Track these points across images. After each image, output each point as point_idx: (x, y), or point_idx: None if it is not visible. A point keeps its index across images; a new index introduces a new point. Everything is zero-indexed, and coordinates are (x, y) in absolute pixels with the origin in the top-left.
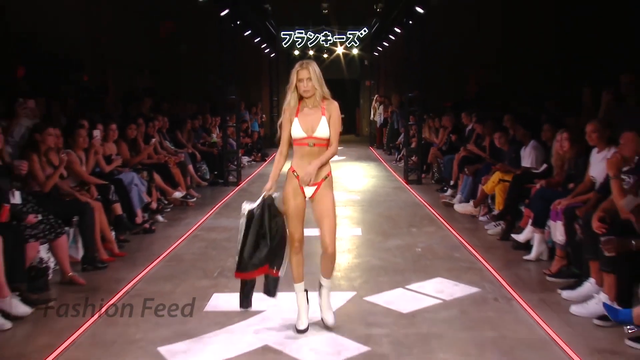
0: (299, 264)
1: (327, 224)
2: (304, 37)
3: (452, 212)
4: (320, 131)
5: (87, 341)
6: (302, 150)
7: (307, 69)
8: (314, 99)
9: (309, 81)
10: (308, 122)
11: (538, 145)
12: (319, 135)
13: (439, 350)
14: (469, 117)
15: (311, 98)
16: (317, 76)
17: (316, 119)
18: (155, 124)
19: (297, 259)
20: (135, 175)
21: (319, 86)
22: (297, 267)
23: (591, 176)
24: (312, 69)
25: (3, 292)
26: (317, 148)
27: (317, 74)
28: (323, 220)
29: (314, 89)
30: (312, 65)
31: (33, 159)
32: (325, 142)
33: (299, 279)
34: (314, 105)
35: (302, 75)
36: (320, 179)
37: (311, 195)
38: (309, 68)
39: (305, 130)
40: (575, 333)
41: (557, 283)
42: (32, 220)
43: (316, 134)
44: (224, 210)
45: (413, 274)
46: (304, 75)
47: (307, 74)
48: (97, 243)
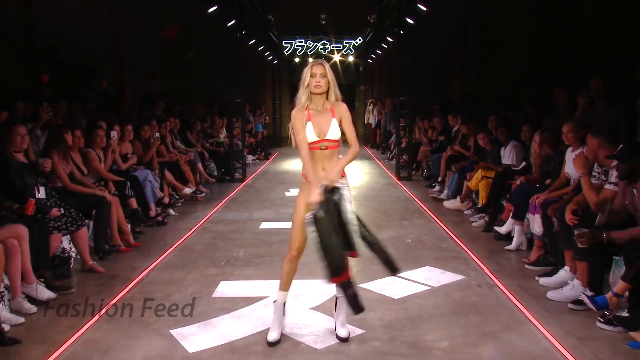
0: (290, 272)
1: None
2: (304, 46)
3: (440, 206)
4: (332, 133)
5: (105, 324)
6: (314, 155)
7: (322, 65)
8: (324, 98)
9: (322, 77)
10: (319, 125)
11: (518, 144)
12: (330, 137)
13: (428, 333)
14: (455, 119)
15: (321, 96)
16: (331, 75)
17: (326, 121)
18: (167, 125)
19: (291, 268)
20: (149, 172)
21: (332, 84)
22: (287, 275)
23: (566, 173)
24: (327, 67)
25: (29, 279)
26: (329, 151)
27: (331, 73)
28: None
29: (327, 85)
30: (326, 64)
31: (55, 157)
32: (335, 144)
33: (286, 287)
34: (323, 107)
35: (316, 70)
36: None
37: None
38: (324, 64)
39: (317, 134)
40: (551, 316)
41: (535, 271)
42: (56, 214)
43: (328, 136)
44: (230, 205)
45: (404, 262)
46: (318, 70)
47: (322, 70)
48: (114, 234)
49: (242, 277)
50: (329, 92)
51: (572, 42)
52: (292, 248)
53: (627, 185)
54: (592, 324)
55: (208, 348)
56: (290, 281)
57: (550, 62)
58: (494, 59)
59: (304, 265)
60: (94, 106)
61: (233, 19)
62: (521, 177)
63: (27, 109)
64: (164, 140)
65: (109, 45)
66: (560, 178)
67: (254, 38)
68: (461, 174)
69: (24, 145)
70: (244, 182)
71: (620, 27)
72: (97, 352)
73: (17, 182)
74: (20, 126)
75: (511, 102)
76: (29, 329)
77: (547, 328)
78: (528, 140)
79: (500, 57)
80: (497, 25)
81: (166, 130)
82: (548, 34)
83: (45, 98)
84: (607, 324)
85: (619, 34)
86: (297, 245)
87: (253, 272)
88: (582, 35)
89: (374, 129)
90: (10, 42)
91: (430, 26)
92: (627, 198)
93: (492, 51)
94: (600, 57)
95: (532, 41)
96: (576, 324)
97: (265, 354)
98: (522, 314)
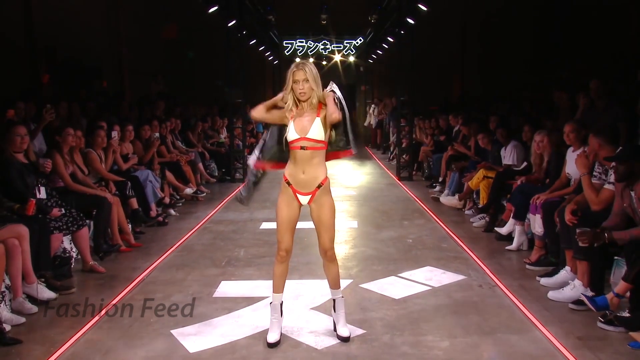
0: (282, 274)
1: (324, 236)
2: (304, 46)
3: (440, 206)
4: (314, 132)
5: (106, 325)
6: (294, 155)
7: (303, 69)
8: (311, 102)
9: (305, 82)
10: (301, 122)
11: (518, 144)
12: (312, 136)
13: (428, 333)
14: (456, 119)
15: (307, 101)
16: (314, 77)
17: (310, 120)
18: (168, 125)
19: (281, 269)
20: (150, 173)
21: (315, 87)
22: (279, 278)
23: (567, 173)
24: (309, 69)
25: (30, 279)
26: (309, 152)
27: (314, 75)
28: (320, 230)
29: (310, 91)
30: (308, 65)
31: (56, 157)
32: (318, 145)
33: (279, 289)
34: (310, 108)
35: (297, 76)
36: (313, 188)
37: (307, 202)
38: (305, 69)
39: (298, 132)
40: (552, 316)
41: (536, 271)
42: (56, 214)
43: (309, 135)
44: (231, 205)
45: (405, 263)
46: (300, 76)
47: (303, 75)
48: (115, 234)
49: (242, 277)
50: (313, 95)
51: (572, 42)
52: (281, 248)
53: (624, 188)
54: (592, 324)
55: (209, 348)
56: (283, 283)
57: (551, 63)
58: (494, 59)
59: (304, 265)
60: (94, 106)
61: (233, 19)
62: (522, 177)
63: (28, 109)
64: (164, 140)
65: (109, 45)
66: (560, 178)
67: (254, 38)
68: (461, 174)
69: (24, 146)
70: (244, 182)
71: (620, 27)
72: (97, 352)
73: (18, 183)
74: (20, 126)
75: (511, 103)
76: (29, 329)
77: (547, 328)
78: (529, 141)
79: (500, 57)
80: (497, 25)
81: (167, 130)
82: (548, 34)
83: (46, 98)
84: (608, 324)
85: (619, 34)
86: (286, 245)
87: (254, 272)
88: (582, 36)
89: (374, 129)
90: (11, 43)
91: (430, 26)
92: (626, 200)
93: (492, 51)
94: (600, 57)
95: (532, 41)
96: (577, 324)
97: (266, 353)
98: (523, 314)
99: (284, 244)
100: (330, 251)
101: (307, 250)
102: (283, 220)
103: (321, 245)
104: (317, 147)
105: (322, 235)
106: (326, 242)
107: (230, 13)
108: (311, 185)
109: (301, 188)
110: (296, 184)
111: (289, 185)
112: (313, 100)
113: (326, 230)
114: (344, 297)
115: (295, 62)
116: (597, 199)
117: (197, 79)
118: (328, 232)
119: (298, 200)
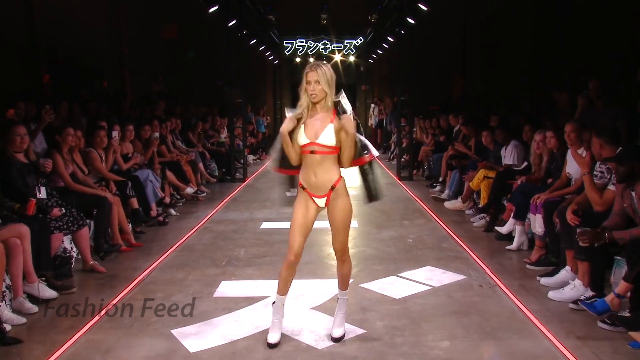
0: (288, 278)
1: (336, 237)
2: (304, 46)
3: (441, 206)
4: (324, 138)
5: (106, 324)
6: (305, 159)
7: (315, 70)
8: (324, 104)
9: (317, 84)
10: (313, 127)
11: (519, 144)
12: (322, 142)
13: (429, 332)
14: (456, 119)
15: (320, 103)
16: (327, 79)
17: (322, 125)
18: (168, 125)
19: (289, 273)
20: (150, 172)
21: (328, 90)
22: (285, 281)
23: (567, 173)
24: (322, 71)
25: (31, 278)
26: (319, 156)
27: (328, 77)
28: (332, 231)
29: (322, 93)
30: (322, 67)
31: (56, 157)
32: (330, 150)
33: (284, 291)
34: (324, 111)
35: (310, 77)
36: (327, 190)
37: (324, 205)
38: (317, 70)
39: (309, 137)
40: (552, 316)
41: (536, 271)
42: (57, 213)
43: (319, 140)
44: (231, 205)
45: (405, 262)
46: (312, 77)
47: (316, 77)
48: (115, 233)
49: (243, 277)
50: (327, 98)
51: (572, 43)
52: (291, 253)
53: (625, 188)
54: (593, 323)
55: (209, 348)
56: (288, 287)
57: (551, 63)
58: (494, 59)
59: (305, 265)
60: (94, 106)
61: (234, 19)
62: (522, 177)
63: (28, 109)
64: (165, 140)
65: (110, 45)
66: (561, 178)
67: (254, 38)
68: (462, 172)
69: (24, 146)
70: (245, 182)
71: (620, 27)
72: (98, 352)
73: (18, 182)
74: (20, 126)
75: (511, 102)
76: (30, 329)
77: (548, 328)
78: (529, 141)
79: (501, 57)
80: (497, 25)
81: (167, 130)
82: (548, 34)
83: (46, 98)
84: (608, 324)
85: (619, 34)
86: (296, 249)
87: (254, 272)
88: (582, 36)
89: (374, 129)
90: (12, 43)
91: (431, 26)
92: (626, 200)
93: (493, 51)
94: (600, 57)
95: (533, 41)
96: (577, 323)
97: (266, 353)
98: (523, 314)
99: (295, 247)
100: (340, 252)
101: (308, 250)
102: (296, 222)
103: (333, 245)
104: (327, 152)
105: (334, 235)
106: (336, 243)
107: (231, 13)
108: (324, 187)
109: (315, 191)
110: (310, 187)
111: (304, 189)
112: (328, 102)
113: (338, 232)
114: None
115: (309, 62)
116: (601, 200)
117: (197, 79)
118: (339, 233)
119: (315, 203)
